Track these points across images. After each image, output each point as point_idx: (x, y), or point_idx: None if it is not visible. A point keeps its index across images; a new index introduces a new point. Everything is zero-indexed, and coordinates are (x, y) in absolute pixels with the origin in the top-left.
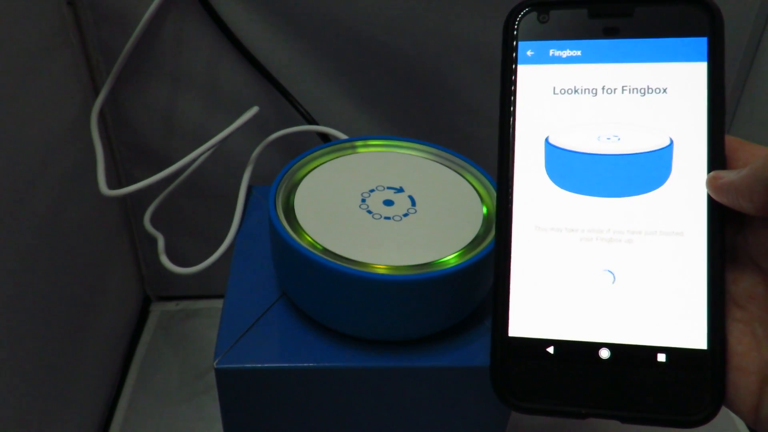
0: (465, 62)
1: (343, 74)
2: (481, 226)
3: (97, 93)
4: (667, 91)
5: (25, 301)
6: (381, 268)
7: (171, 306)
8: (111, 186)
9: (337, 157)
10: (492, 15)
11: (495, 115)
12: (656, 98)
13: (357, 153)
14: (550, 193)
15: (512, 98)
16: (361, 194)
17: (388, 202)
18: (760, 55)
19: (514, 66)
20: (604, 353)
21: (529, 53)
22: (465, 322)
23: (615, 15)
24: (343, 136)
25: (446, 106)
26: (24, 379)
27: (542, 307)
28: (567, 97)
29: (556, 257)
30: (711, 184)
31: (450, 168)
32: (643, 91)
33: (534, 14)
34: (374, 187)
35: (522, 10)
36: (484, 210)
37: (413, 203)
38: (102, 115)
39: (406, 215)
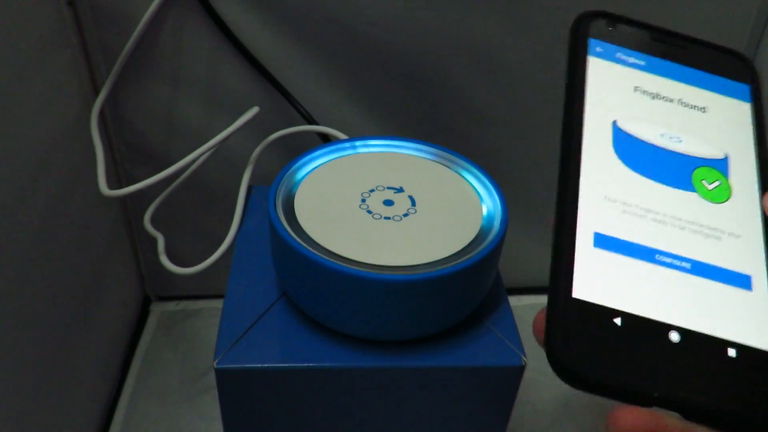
0: (465, 62)
1: (343, 74)
2: (481, 226)
3: (97, 93)
4: (720, 116)
5: (25, 301)
6: (381, 268)
7: (171, 306)
8: (111, 186)
9: (337, 157)
10: (492, 15)
11: (495, 115)
12: (712, 118)
13: (357, 153)
14: (619, 169)
15: (582, 82)
16: (361, 194)
17: (388, 202)
18: (760, 55)
19: (585, 55)
20: (675, 336)
21: (598, 49)
22: (465, 322)
23: (674, 44)
24: (343, 136)
25: (446, 106)
26: (24, 379)
27: (609, 275)
28: (633, 94)
29: (624, 228)
30: None
31: (450, 168)
32: (699, 108)
33: (603, 20)
34: (374, 187)
35: (592, 15)
36: (484, 210)
37: (413, 203)
38: (102, 115)
39: (406, 215)
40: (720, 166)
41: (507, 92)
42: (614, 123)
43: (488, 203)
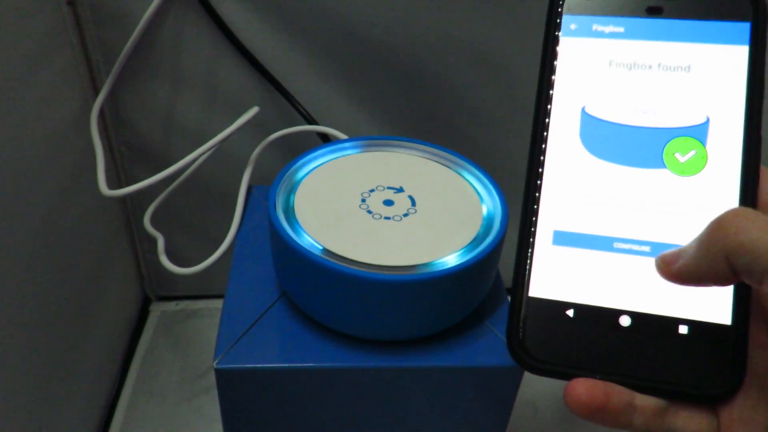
0: (465, 62)
1: (343, 74)
2: (481, 226)
3: (97, 93)
4: (706, 71)
5: (25, 301)
6: (381, 268)
7: (171, 306)
8: (111, 186)
9: (337, 157)
10: (492, 16)
11: (494, 115)
12: (695, 77)
13: (357, 153)
14: (584, 160)
15: (552, 68)
16: (361, 194)
17: (388, 202)
18: None
19: (557, 37)
20: (625, 321)
21: (572, 27)
22: (465, 322)
23: None
24: (343, 136)
25: (446, 106)
26: (24, 379)
27: (565, 270)
28: (606, 70)
29: (583, 222)
30: (664, 271)
31: (450, 168)
32: (682, 69)
33: None
34: (374, 187)
35: None
36: (484, 210)
37: (413, 203)
38: (102, 115)
39: (406, 215)
40: (698, 132)
41: (507, 92)
42: (583, 109)
43: (488, 203)
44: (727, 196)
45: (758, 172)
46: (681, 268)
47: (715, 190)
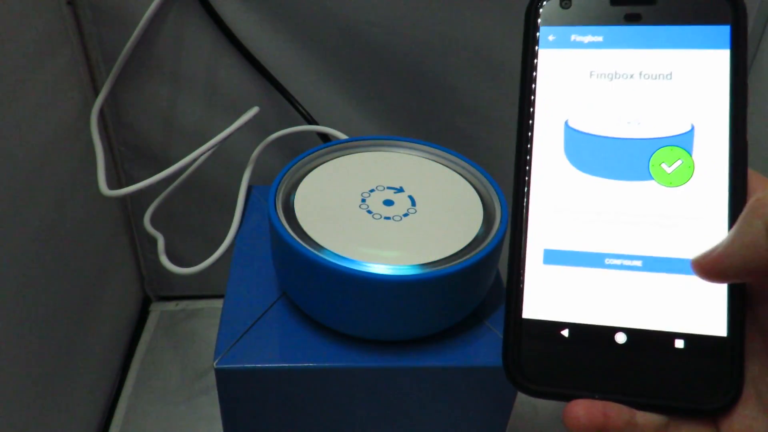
0: (465, 63)
1: (343, 74)
2: (481, 226)
3: (97, 93)
4: (688, 77)
5: (26, 301)
6: (381, 268)
7: (171, 306)
8: (111, 186)
9: (337, 157)
10: (492, 16)
11: (495, 116)
12: (677, 84)
13: (357, 153)
14: (570, 175)
15: (533, 82)
16: (361, 194)
17: (388, 202)
18: (759, 55)
19: (535, 50)
20: (621, 338)
21: (550, 38)
22: (465, 322)
23: (638, 2)
24: (343, 136)
25: (446, 106)
26: (24, 379)
27: (557, 290)
28: (588, 81)
29: (573, 239)
30: (701, 265)
31: (450, 168)
32: (663, 76)
33: (556, 0)
34: (374, 187)
35: None
36: (484, 210)
37: (413, 203)
38: (102, 115)
39: (406, 215)
40: (683, 141)
41: (507, 92)
42: (566, 123)
43: (488, 203)
44: (717, 205)
45: (746, 177)
46: (721, 254)
47: (703, 199)
